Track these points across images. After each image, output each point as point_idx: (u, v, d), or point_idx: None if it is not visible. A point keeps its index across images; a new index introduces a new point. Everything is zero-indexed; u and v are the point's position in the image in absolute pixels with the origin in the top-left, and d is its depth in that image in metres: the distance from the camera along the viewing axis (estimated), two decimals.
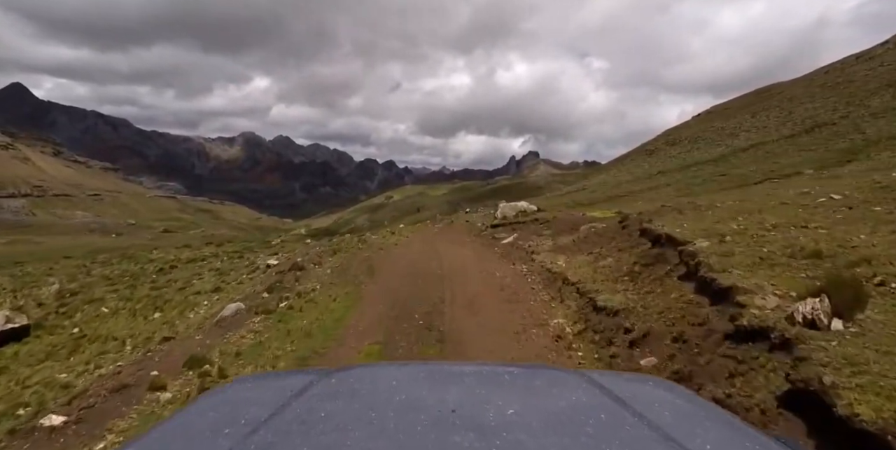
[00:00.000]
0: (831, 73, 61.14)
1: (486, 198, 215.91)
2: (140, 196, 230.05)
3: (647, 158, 62.40)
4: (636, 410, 1.21)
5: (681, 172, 37.12)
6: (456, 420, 1.12)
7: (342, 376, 1.50)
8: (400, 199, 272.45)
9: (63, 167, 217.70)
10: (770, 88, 79.93)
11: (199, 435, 1.17)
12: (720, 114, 78.71)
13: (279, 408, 1.26)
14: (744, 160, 33.41)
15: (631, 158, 74.67)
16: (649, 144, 77.42)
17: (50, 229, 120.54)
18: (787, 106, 52.89)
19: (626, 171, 57.39)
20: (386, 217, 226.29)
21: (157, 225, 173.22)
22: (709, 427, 1.20)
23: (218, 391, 1.58)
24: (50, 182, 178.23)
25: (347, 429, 1.10)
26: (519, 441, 1.02)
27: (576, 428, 1.10)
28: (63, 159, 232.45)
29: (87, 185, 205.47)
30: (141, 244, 42.53)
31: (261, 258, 23.53)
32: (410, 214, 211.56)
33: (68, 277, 25.54)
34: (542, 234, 16.22)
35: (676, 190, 27.95)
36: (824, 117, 39.98)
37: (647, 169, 50.86)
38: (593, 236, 13.03)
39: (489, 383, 1.41)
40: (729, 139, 48.35)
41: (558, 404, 1.25)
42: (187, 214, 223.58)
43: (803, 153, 28.78)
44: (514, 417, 1.15)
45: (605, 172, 69.29)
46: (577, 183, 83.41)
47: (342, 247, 20.49)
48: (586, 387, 1.38)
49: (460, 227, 25.07)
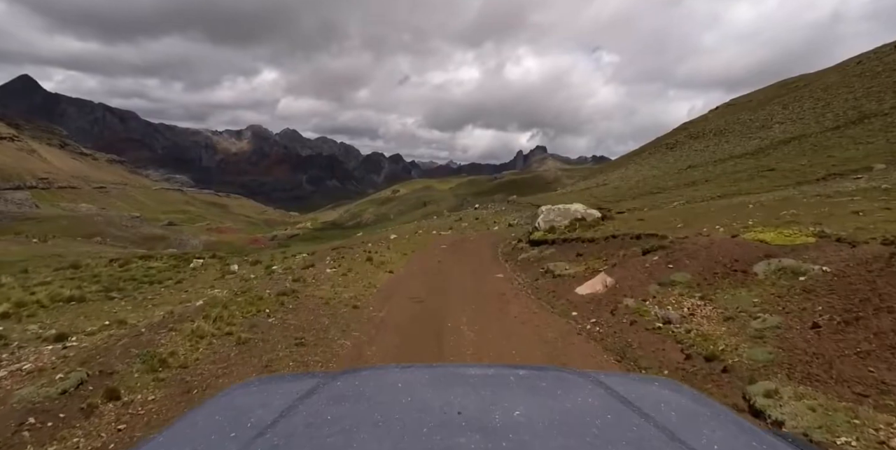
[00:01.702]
0: (865, 62, 57.92)
1: (494, 192, 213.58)
2: (146, 189, 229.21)
3: (669, 151, 59.44)
4: (642, 410, 1.20)
5: (716, 167, 34.27)
6: (462, 422, 1.12)
7: (348, 379, 1.49)
8: (407, 193, 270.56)
9: (69, 159, 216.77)
10: (797, 80, 76.72)
11: (206, 438, 1.17)
12: (743, 106, 75.57)
13: (285, 411, 1.25)
14: (788, 154, 30.50)
15: (649, 152, 71.72)
16: (668, 138, 74.40)
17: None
18: (823, 96, 49.79)
19: (649, 165, 54.48)
20: (392, 211, 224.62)
21: (162, 218, 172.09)
22: (715, 427, 1.19)
23: (224, 394, 1.54)
24: (55, 174, 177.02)
25: (353, 431, 1.10)
26: (525, 442, 1.03)
27: (582, 429, 1.10)
28: (69, 152, 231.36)
29: (94, 177, 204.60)
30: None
31: None
32: (417, 208, 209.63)
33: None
34: (672, 280, 8.09)
35: (718, 186, 25.14)
36: (870, 108, 36.96)
37: (672, 163, 47.95)
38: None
39: (495, 384, 1.39)
40: (762, 131, 45.31)
41: (564, 405, 1.24)
42: (194, 207, 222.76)
43: (861, 146, 25.86)
44: (521, 418, 1.14)
45: (624, 166, 66.31)
46: (592, 178, 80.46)
47: (242, 304, 9.02)
48: (592, 388, 1.37)
49: (479, 241, 18.30)
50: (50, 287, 14.86)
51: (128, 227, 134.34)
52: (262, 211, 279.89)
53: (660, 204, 23.78)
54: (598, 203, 33.88)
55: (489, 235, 17.83)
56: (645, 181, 39.46)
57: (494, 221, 38.85)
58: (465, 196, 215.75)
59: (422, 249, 17.97)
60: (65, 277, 18.22)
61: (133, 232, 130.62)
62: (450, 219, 55.03)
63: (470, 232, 20.32)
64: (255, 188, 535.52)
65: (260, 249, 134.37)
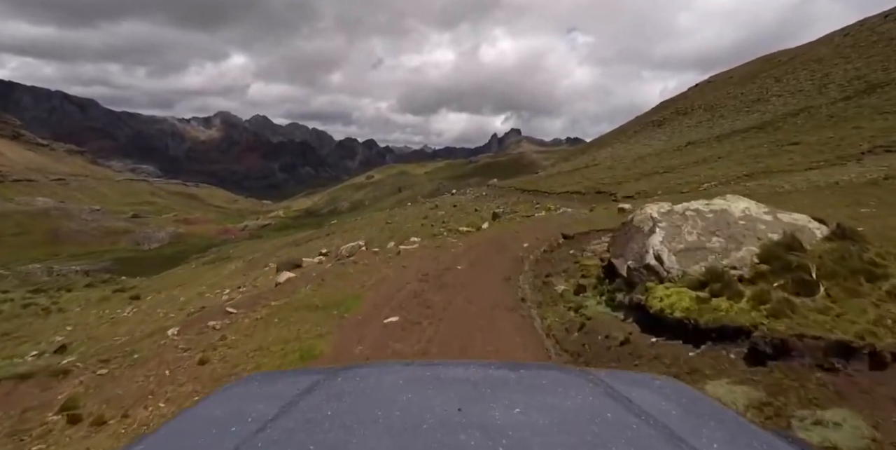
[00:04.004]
0: (855, 34, 56.04)
1: (471, 176, 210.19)
2: (109, 180, 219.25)
3: (658, 128, 57.12)
4: (642, 409, 1.21)
5: (720, 143, 31.63)
6: (462, 419, 1.12)
7: (348, 376, 1.49)
8: (382, 178, 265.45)
9: (24, 150, 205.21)
10: (779, 54, 75.00)
11: (207, 432, 1.19)
12: (725, 82, 73.64)
13: (286, 406, 1.26)
14: (803, 127, 27.97)
15: (634, 130, 69.37)
16: (653, 115, 72.13)
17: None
18: (818, 68, 47.71)
19: (639, 143, 51.96)
20: (367, 197, 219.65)
21: (127, 210, 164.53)
22: (714, 427, 1.19)
23: (226, 389, 1.55)
24: (9, 167, 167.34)
25: (353, 428, 1.11)
26: (525, 440, 1.03)
27: (582, 427, 1.10)
28: (24, 142, 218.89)
29: (52, 169, 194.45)
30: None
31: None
32: (392, 194, 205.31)
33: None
34: None
35: (737, 163, 22.39)
36: (878, 77, 34.76)
37: (666, 141, 45.42)
38: None
39: (495, 382, 1.39)
40: (759, 105, 43.01)
41: (564, 404, 1.24)
42: (160, 198, 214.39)
43: (889, 116, 23.36)
44: (521, 416, 1.15)
45: (610, 145, 63.74)
46: (574, 158, 77.85)
47: None
48: (592, 387, 1.36)
49: (475, 272, 10.29)
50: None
51: (88, 221, 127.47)
52: (234, 200, 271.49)
53: (675, 186, 20.90)
54: (597, 186, 31.00)
55: (487, 246, 11.31)
56: (643, 160, 36.68)
57: (476, 208, 35.69)
58: (442, 181, 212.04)
59: (355, 308, 9.05)
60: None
61: (94, 226, 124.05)
62: (424, 207, 51.47)
63: (450, 241, 13.70)
64: (226, 177, 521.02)
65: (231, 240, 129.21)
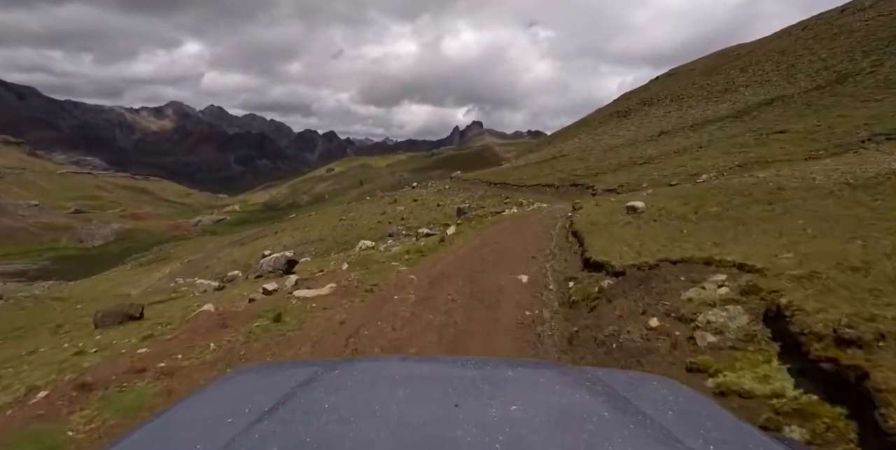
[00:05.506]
0: (813, 28, 56.71)
1: (433, 168, 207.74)
2: (50, 173, 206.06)
3: (624, 119, 56.51)
4: (639, 408, 1.21)
5: (696, 132, 30.75)
6: (459, 415, 1.12)
7: (347, 368, 1.49)
8: (343, 171, 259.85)
9: None
10: (737, 49, 75.84)
11: (202, 424, 1.18)
12: (686, 74, 73.90)
13: (283, 398, 1.26)
14: (782, 116, 27.21)
15: (599, 121, 68.78)
16: (617, 106, 71.73)
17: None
18: (782, 59, 47.78)
19: (607, 134, 51.02)
20: (327, 190, 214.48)
21: (68, 205, 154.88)
22: (711, 427, 1.19)
23: (223, 380, 1.54)
24: None
25: (351, 420, 1.10)
26: (521, 437, 1.03)
27: (578, 425, 1.10)
28: None
29: None
30: None
31: None
32: (354, 187, 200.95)
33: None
34: None
35: (724, 153, 21.16)
36: (846, 67, 34.51)
37: (635, 131, 44.56)
38: None
39: (493, 378, 1.38)
40: (728, 95, 42.62)
41: (561, 401, 1.24)
42: (107, 192, 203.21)
43: (871, 105, 22.64)
44: (517, 413, 1.14)
45: (575, 137, 62.86)
46: (539, 150, 76.82)
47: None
48: (590, 384, 1.36)
49: None
50: None
51: (25, 216, 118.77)
52: (187, 194, 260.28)
53: (661, 178, 19.37)
54: (571, 178, 29.41)
55: (457, 278, 8.38)
56: (614, 150, 35.54)
57: (438, 203, 33.78)
58: (403, 173, 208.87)
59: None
60: None
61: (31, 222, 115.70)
62: (383, 202, 48.97)
63: (395, 272, 9.62)
64: (179, 169, 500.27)
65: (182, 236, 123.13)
